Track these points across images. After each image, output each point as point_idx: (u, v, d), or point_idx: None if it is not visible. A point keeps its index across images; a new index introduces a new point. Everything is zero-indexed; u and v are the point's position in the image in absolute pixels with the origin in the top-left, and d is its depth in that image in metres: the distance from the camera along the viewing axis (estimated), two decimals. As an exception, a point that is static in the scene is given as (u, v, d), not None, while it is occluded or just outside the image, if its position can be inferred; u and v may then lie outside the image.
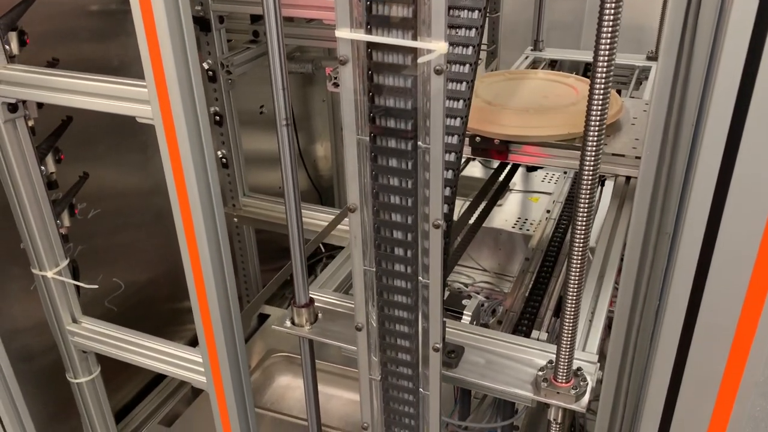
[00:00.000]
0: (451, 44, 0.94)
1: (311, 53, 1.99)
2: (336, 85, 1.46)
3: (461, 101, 0.96)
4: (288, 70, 1.97)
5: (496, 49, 2.36)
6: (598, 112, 0.76)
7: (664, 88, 0.71)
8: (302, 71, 1.96)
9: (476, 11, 0.96)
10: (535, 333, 1.17)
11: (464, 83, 0.96)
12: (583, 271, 0.86)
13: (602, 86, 0.75)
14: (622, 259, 1.22)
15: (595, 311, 1.11)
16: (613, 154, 1.31)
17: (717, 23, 0.67)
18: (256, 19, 1.78)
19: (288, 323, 1.09)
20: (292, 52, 1.99)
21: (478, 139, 1.35)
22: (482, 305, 2.01)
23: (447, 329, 1.04)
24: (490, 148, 1.35)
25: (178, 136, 0.94)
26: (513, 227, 2.20)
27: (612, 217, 1.38)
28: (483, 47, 2.32)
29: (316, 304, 1.10)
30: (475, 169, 2.27)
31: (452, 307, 1.17)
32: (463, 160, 1.61)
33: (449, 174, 0.95)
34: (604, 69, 0.73)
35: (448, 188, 0.94)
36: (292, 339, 1.10)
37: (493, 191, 1.64)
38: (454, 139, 0.96)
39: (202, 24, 1.65)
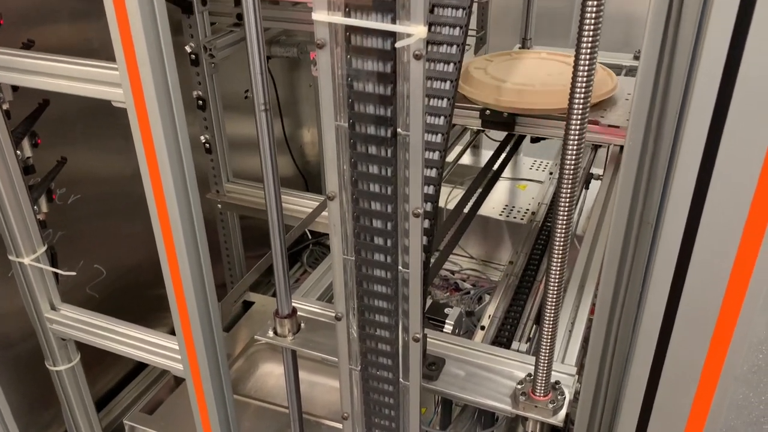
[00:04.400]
0: (437, 24, 0.92)
1: (297, 37, 1.96)
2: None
3: (448, 82, 0.93)
4: (273, 54, 1.95)
5: (485, 35, 2.33)
6: (581, 98, 0.75)
7: (646, 80, 0.70)
8: (287, 55, 1.93)
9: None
10: (515, 344, 1.18)
11: (452, 64, 0.94)
12: (561, 287, 0.86)
13: (585, 73, 0.73)
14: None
15: (575, 321, 1.11)
16: (609, 126, 1.45)
17: (701, 13, 0.66)
18: (240, 1, 1.75)
19: (270, 333, 1.10)
20: (277, 36, 1.96)
21: (488, 112, 1.49)
22: (468, 293, 2.01)
23: (429, 340, 1.04)
24: (498, 120, 1.49)
25: (150, 119, 0.91)
26: (500, 215, 2.19)
27: (597, 213, 1.38)
28: (471, 32, 2.29)
29: (299, 313, 1.09)
30: (465, 158, 2.26)
31: (434, 317, 1.16)
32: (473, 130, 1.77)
33: (435, 155, 0.93)
34: (588, 54, 0.72)
35: (434, 169, 0.92)
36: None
37: (487, 180, 1.62)
38: (441, 120, 0.94)
39: (184, 6, 1.61)
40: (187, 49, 1.67)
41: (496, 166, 1.72)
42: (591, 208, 1.72)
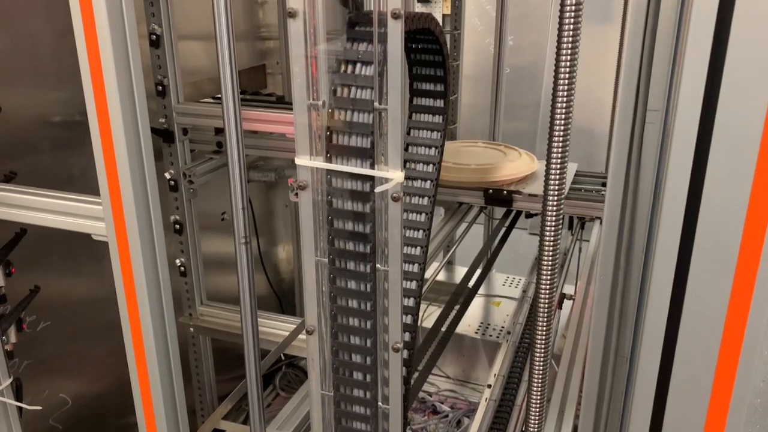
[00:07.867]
0: (412, 161, 0.97)
1: (275, 162, 2.02)
2: (297, 195, 1.48)
3: (423, 215, 0.97)
4: (252, 179, 2.00)
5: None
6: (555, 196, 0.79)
7: (611, 231, 0.74)
8: (265, 180, 1.98)
9: (436, 132, 1.00)
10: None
11: (426, 198, 0.98)
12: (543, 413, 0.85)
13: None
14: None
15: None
16: (530, 195, 1.74)
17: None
18: (221, 130, 1.81)
19: None
20: (256, 161, 2.02)
21: (491, 191, 1.78)
22: (446, 416, 1.96)
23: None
24: (499, 198, 1.79)
25: (131, 253, 0.92)
26: (476, 333, 2.19)
27: (573, 331, 1.40)
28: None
29: None
30: (440, 275, 2.28)
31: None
32: (476, 209, 1.99)
33: (413, 285, 0.95)
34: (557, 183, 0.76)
35: (411, 299, 0.94)
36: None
37: (463, 298, 1.64)
38: (417, 250, 0.97)
39: (165, 136, 1.67)
40: (167, 175, 1.71)
41: (471, 283, 1.74)
42: (566, 325, 1.73)
